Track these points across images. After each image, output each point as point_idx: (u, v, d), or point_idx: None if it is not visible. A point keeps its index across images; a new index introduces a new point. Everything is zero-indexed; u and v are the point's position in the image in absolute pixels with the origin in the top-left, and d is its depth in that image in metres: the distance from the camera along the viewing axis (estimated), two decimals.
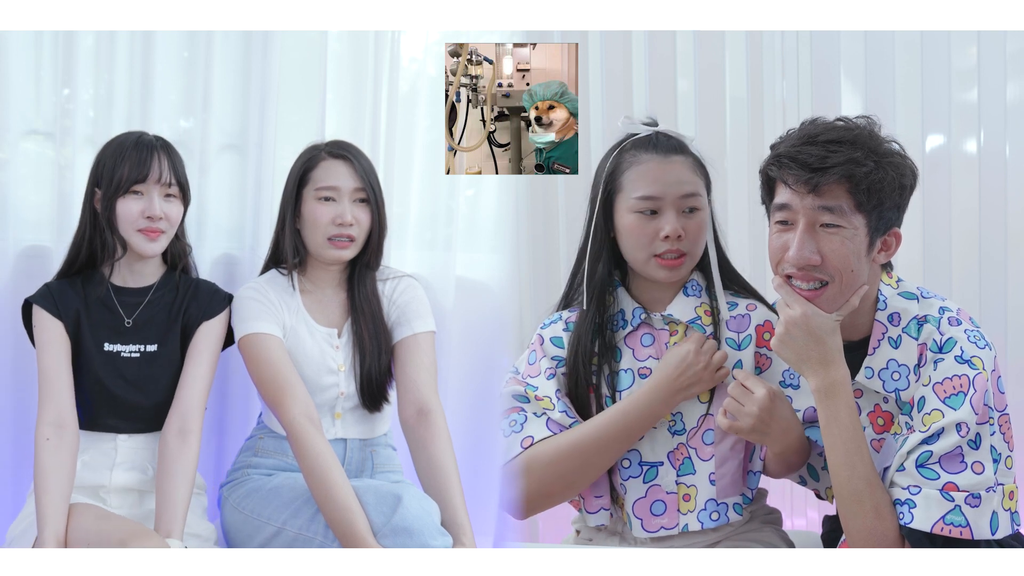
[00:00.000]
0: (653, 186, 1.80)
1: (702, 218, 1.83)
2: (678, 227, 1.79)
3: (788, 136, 1.67)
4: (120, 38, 2.28)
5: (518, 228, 2.45)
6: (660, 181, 1.81)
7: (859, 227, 1.59)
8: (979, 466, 1.56)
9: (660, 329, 1.88)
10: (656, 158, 1.82)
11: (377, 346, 1.99)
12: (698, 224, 1.82)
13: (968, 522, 1.54)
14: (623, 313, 1.89)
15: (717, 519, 1.82)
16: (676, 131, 1.89)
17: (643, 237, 1.81)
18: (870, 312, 1.69)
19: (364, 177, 2.00)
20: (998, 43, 2.39)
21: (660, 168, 1.82)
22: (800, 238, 1.60)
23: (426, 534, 1.70)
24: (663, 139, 1.85)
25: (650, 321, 1.88)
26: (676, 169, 1.82)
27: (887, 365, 1.68)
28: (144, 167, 1.90)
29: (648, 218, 1.80)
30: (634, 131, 1.88)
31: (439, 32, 2.42)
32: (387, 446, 2.08)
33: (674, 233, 1.78)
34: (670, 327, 1.87)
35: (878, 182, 1.57)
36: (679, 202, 1.80)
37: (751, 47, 2.44)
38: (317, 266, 2.03)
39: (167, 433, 1.87)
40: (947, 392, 1.59)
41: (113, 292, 1.95)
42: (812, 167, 1.57)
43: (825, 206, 1.58)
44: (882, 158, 1.59)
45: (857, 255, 1.60)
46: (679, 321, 1.85)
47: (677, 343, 1.84)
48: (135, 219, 1.90)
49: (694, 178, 1.83)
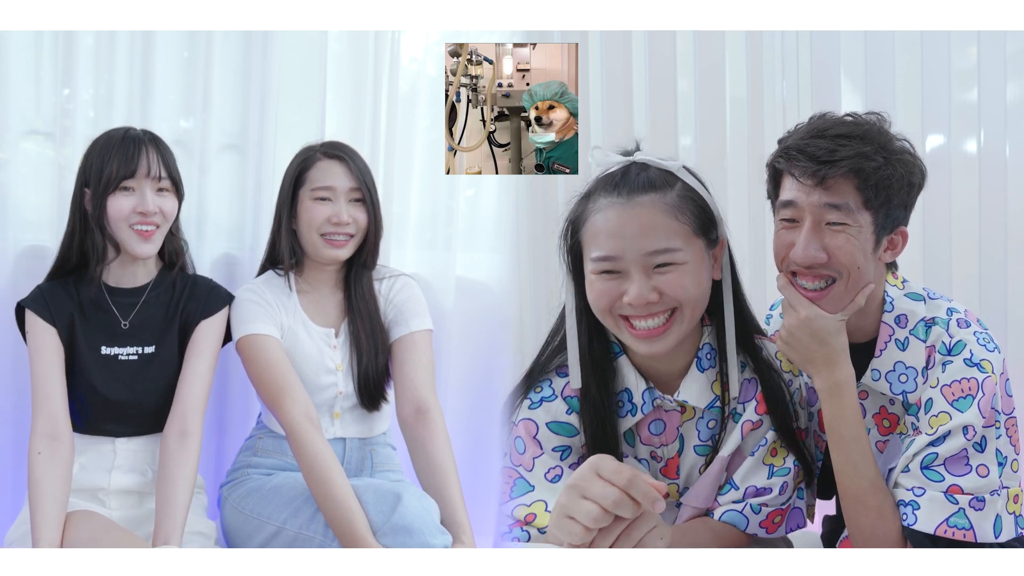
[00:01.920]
0: (610, 242, 1.47)
1: (686, 272, 1.48)
2: (645, 291, 1.45)
3: (796, 130, 1.63)
4: (120, 38, 2.28)
5: (518, 228, 2.45)
6: (619, 235, 1.46)
7: (865, 225, 1.56)
8: (984, 469, 1.55)
9: (671, 411, 1.61)
10: (618, 204, 1.48)
11: (374, 345, 1.99)
12: (680, 282, 1.47)
13: (972, 525, 1.53)
14: (629, 394, 1.59)
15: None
16: (659, 159, 1.53)
17: (605, 302, 1.49)
18: (876, 313, 1.67)
19: (359, 177, 2.00)
20: (998, 43, 2.40)
21: (621, 217, 1.47)
22: (806, 236, 1.57)
23: (426, 533, 1.70)
24: (633, 174, 1.50)
25: (662, 404, 1.60)
26: (643, 216, 1.47)
27: (894, 367, 1.66)
28: (133, 162, 1.85)
29: (609, 280, 1.48)
30: (608, 163, 1.55)
31: (439, 32, 2.43)
32: (386, 445, 2.08)
33: (638, 300, 1.45)
34: (682, 408, 1.62)
35: (887, 178, 1.54)
36: (644, 260, 1.46)
37: (751, 47, 2.45)
38: (314, 266, 2.03)
39: (167, 436, 1.85)
40: (955, 395, 1.57)
41: (107, 293, 1.91)
42: (820, 159, 1.54)
43: (831, 203, 1.55)
44: (892, 155, 1.56)
45: (864, 252, 1.57)
46: (695, 407, 1.60)
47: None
48: (127, 216, 1.85)
49: (670, 224, 1.48)
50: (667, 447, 1.64)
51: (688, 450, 1.64)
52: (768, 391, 1.61)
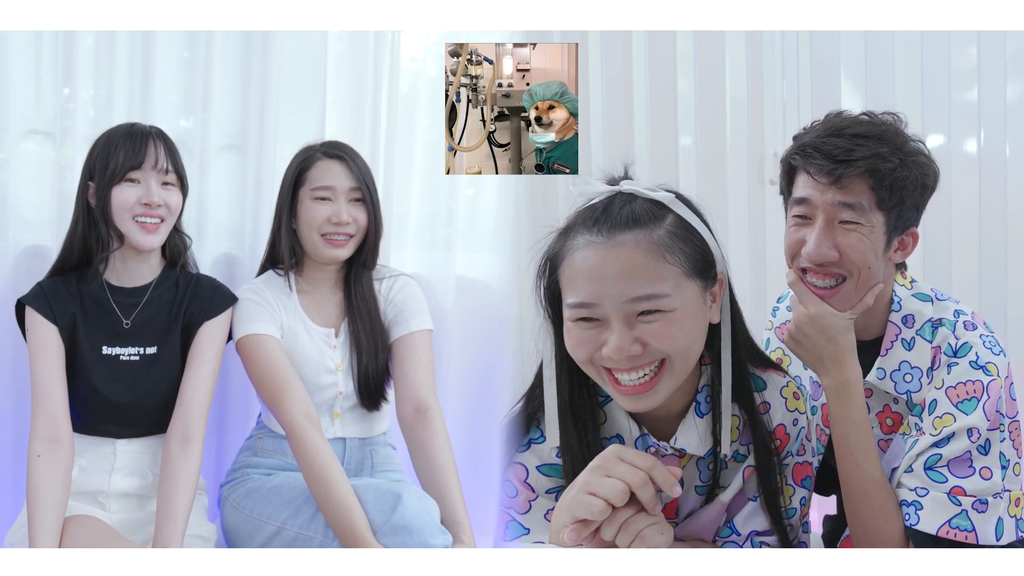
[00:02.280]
0: (588, 286, 1.29)
1: (673, 320, 1.30)
2: (626, 343, 1.28)
3: (813, 127, 1.63)
4: (120, 38, 2.28)
5: (518, 228, 2.45)
6: (598, 278, 1.29)
7: (878, 225, 1.57)
8: (987, 472, 1.55)
9: (667, 456, 1.48)
10: (597, 242, 1.30)
11: (374, 345, 1.99)
12: (664, 328, 1.30)
13: (974, 527, 1.53)
14: (621, 441, 1.48)
15: None
16: (648, 189, 1.34)
17: (584, 353, 1.34)
18: (884, 312, 1.67)
19: (360, 177, 2.00)
20: (998, 43, 2.39)
21: (601, 257, 1.29)
22: (818, 234, 1.57)
23: (426, 532, 1.70)
24: (617, 207, 1.32)
25: (657, 452, 1.47)
26: (624, 257, 1.29)
27: (899, 367, 1.66)
28: (140, 153, 1.84)
29: (588, 328, 1.32)
30: (591, 193, 1.37)
31: (439, 32, 2.43)
32: (386, 445, 2.08)
33: (618, 354, 1.29)
34: (680, 455, 1.50)
35: (901, 180, 1.54)
36: (626, 307, 1.29)
37: (751, 47, 2.45)
38: (314, 266, 2.03)
39: (170, 440, 1.84)
40: (960, 397, 1.58)
41: (109, 292, 1.90)
42: (837, 158, 1.54)
43: (845, 202, 1.55)
44: (907, 156, 1.57)
45: (875, 252, 1.58)
46: (693, 454, 1.48)
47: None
48: (132, 207, 1.84)
49: (656, 266, 1.29)
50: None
51: (689, 490, 1.53)
52: (757, 449, 1.48)
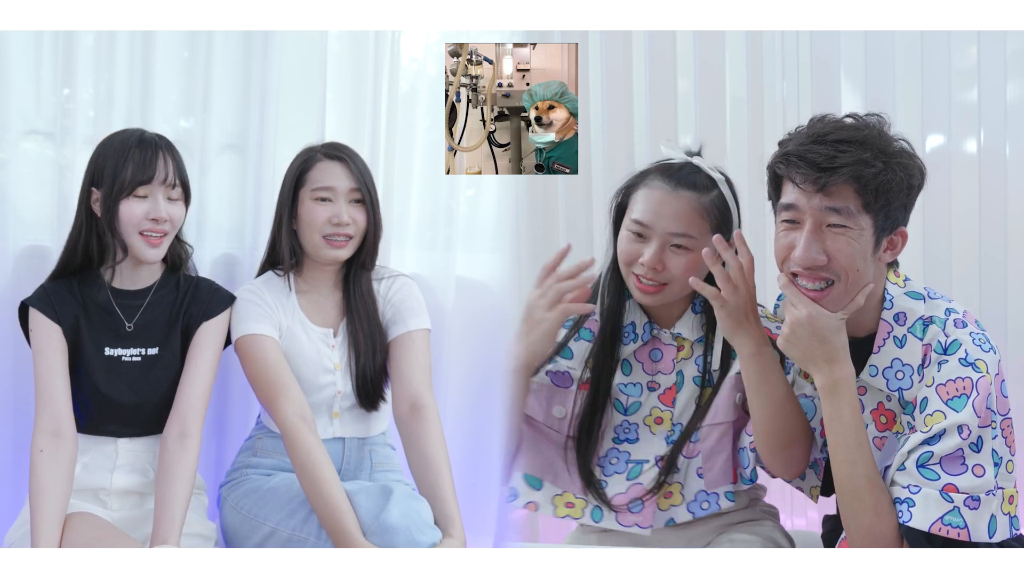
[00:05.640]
0: (647, 214, 1.79)
1: (692, 259, 1.77)
2: (656, 259, 1.77)
3: (797, 133, 1.65)
4: (120, 38, 2.28)
5: (518, 228, 2.45)
6: (655, 212, 1.78)
7: (866, 227, 1.59)
8: (980, 469, 1.56)
9: (668, 344, 1.89)
10: (664, 188, 1.79)
11: (372, 345, 2.00)
12: (685, 263, 1.77)
13: (966, 524, 1.54)
14: (633, 326, 1.89)
15: (708, 508, 1.85)
16: (709, 167, 1.84)
17: (626, 256, 1.81)
18: (876, 310, 1.69)
19: (360, 178, 2.01)
20: (998, 43, 2.39)
21: (662, 199, 1.78)
22: (807, 239, 1.59)
23: (413, 530, 1.71)
24: (686, 171, 1.81)
25: (659, 336, 1.89)
26: (678, 205, 1.78)
27: (891, 364, 1.68)
28: (150, 168, 1.85)
29: (636, 241, 1.79)
30: (669, 155, 1.86)
31: (439, 32, 2.43)
32: (385, 445, 2.08)
33: (650, 263, 1.77)
34: (678, 342, 1.88)
35: (886, 183, 1.56)
36: (666, 237, 1.77)
37: (751, 47, 2.44)
38: (313, 267, 2.04)
39: (167, 436, 1.85)
40: (950, 394, 1.59)
41: (112, 295, 1.91)
42: (820, 167, 1.56)
43: (832, 207, 1.57)
44: (891, 159, 1.58)
45: (863, 255, 1.60)
46: (687, 339, 1.88)
47: None
48: (139, 222, 1.85)
49: (696, 219, 1.78)
50: (665, 376, 1.88)
51: (687, 383, 1.87)
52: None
